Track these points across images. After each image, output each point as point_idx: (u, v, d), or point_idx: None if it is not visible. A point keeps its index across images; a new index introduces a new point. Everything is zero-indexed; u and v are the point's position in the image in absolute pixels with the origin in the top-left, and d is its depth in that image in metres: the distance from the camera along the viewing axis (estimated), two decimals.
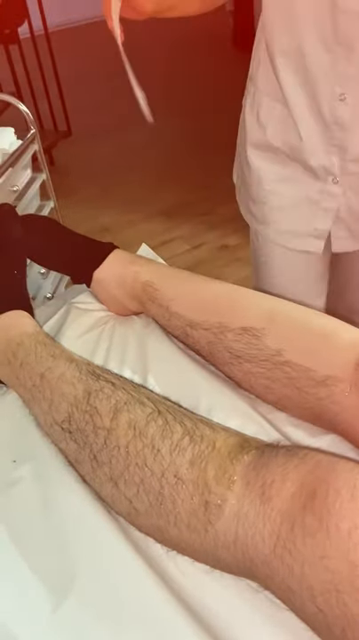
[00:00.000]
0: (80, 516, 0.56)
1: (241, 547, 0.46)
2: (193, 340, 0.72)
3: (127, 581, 0.51)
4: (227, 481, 0.48)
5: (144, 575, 0.51)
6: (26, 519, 0.58)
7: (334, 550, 0.40)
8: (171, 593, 0.49)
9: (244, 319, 0.67)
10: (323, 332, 0.64)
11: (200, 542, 0.48)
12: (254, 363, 0.65)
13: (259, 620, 0.48)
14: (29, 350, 0.68)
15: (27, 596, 0.52)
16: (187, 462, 0.50)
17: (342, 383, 0.58)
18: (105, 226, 2.16)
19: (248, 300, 0.71)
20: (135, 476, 0.52)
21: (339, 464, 0.45)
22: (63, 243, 0.85)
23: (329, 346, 0.61)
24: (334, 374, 0.59)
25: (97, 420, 0.56)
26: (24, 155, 1.22)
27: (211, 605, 0.50)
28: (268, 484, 0.46)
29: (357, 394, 0.57)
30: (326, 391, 0.59)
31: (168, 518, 0.50)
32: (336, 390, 0.58)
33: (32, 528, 0.57)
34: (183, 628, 0.47)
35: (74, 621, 0.50)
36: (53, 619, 0.50)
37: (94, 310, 0.86)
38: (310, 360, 0.61)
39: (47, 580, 0.53)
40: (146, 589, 0.50)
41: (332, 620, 0.40)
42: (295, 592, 0.42)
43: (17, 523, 0.58)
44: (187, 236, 2.06)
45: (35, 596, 0.52)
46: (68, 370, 0.63)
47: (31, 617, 0.51)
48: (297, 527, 0.42)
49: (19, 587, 0.53)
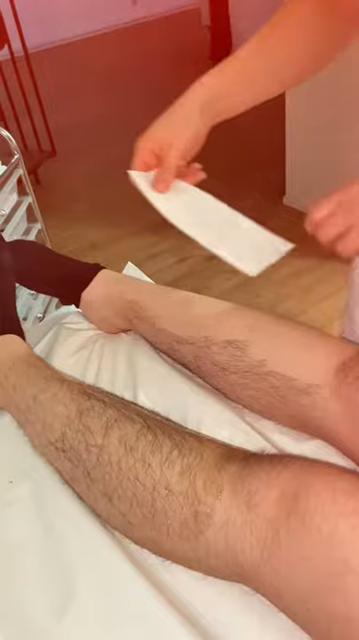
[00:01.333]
0: (77, 532, 0.58)
1: (231, 553, 0.48)
2: (180, 354, 0.75)
3: (126, 594, 0.53)
4: (215, 490, 0.50)
5: (141, 585, 0.52)
6: (24, 538, 0.60)
7: (317, 551, 0.42)
8: (168, 601, 0.51)
9: (228, 332, 0.69)
10: (303, 341, 0.66)
11: (192, 551, 0.51)
12: (239, 374, 0.67)
13: (254, 622, 0.50)
14: (21, 373, 0.70)
15: (28, 612, 0.54)
16: (177, 474, 0.52)
17: (323, 390, 0.60)
18: (93, 242, 2.19)
19: (231, 313, 0.73)
20: (128, 491, 0.54)
21: (320, 468, 0.48)
22: (51, 266, 0.87)
23: (309, 355, 0.64)
24: (315, 382, 0.61)
25: (89, 439, 0.59)
26: (9, 180, 1.25)
27: (208, 612, 0.52)
28: (254, 492, 0.48)
29: (337, 400, 0.59)
30: (309, 399, 0.61)
31: (161, 529, 0.52)
32: (318, 397, 0.61)
33: (30, 546, 0.59)
34: (181, 634, 0.49)
35: (75, 633, 0.52)
36: (54, 634, 0.52)
37: (84, 329, 0.88)
38: (292, 369, 0.63)
39: (47, 596, 0.54)
40: (144, 600, 0.52)
41: (318, 618, 0.42)
42: (283, 594, 0.45)
43: (15, 542, 0.60)
44: (174, 250, 2.09)
45: (36, 612, 0.53)
46: (60, 391, 0.65)
47: (32, 633, 0.52)
48: (282, 531, 0.45)
49: (20, 603, 0.55)
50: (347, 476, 0.47)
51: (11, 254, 0.83)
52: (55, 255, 0.87)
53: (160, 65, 4.11)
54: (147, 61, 4.24)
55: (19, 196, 1.32)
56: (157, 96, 3.61)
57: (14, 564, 0.58)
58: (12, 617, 0.54)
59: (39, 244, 0.90)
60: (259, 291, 1.79)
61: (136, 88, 3.77)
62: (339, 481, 0.46)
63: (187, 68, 4.00)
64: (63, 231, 2.23)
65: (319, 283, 1.84)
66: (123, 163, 2.69)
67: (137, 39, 4.96)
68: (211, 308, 0.74)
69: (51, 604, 0.54)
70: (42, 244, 0.89)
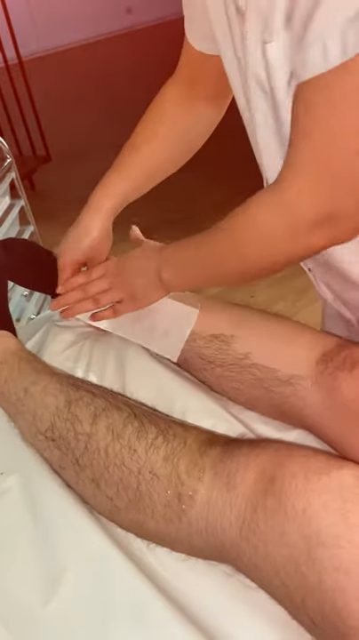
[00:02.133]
0: (66, 519, 0.60)
1: (212, 532, 0.50)
2: None
3: (112, 576, 0.55)
4: (197, 473, 0.52)
5: (127, 569, 0.54)
6: (14, 527, 0.61)
7: (291, 527, 0.44)
8: (152, 583, 0.53)
9: (214, 327, 0.71)
10: (286, 334, 0.69)
11: (176, 532, 0.52)
12: (225, 367, 0.69)
13: (233, 600, 0.52)
14: (13, 367, 0.72)
15: (17, 599, 0.56)
16: (161, 459, 0.54)
17: (304, 381, 0.63)
18: None
19: (217, 308, 0.75)
20: (114, 476, 0.56)
21: (296, 450, 0.50)
22: (43, 263, 0.89)
23: (291, 347, 0.66)
24: (297, 373, 0.63)
25: (78, 427, 0.61)
26: (1, 183, 1.27)
27: (189, 591, 0.53)
28: (233, 473, 0.50)
29: (318, 389, 0.61)
30: (291, 389, 0.63)
31: (146, 512, 0.54)
32: (299, 388, 0.63)
33: (21, 534, 0.61)
34: (165, 614, 0.51)
35: (63, 616, 0.53)
36: (43, 614, 0.53)
37: (74, 327, 0.90)
38: (275, 361, 0.66)
39: (37, 580, 0.56)
40: (130, 582, 0.54)
41: (294, 591, 0.44)
42: (261, 569, 0.47)
43: (6, 530, 0.61)
44: None
45: (25, 598, 0.55)
46: (50, 383, 0.67)
47: (21, 618, 0.54)
48: (259, 510, 0.47)
49: (9, 590, 0.56)
50: (321, 457, 0.49)
51: (3, 252, 0.85)
52: (47, 252, 0.89)
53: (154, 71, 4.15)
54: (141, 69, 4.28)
55: (11, 200, 1.34)
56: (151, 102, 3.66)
57: (3, 552, 0.60)
58: (4, 603, 0.56)
59: (31, 241, 0.92)
60: (253, 292, 1.82)
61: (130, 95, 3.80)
62: (314, 462, 0.48)
63: None
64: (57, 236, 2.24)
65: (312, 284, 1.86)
66: None
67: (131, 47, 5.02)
68: (197, 303, 0.76)
69: (40, 588, 0.55)
70: (34, 242, 0.91)
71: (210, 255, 0.65)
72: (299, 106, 0.50)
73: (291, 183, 0.53)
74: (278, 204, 0.56)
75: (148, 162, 0.80)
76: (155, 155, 0.80)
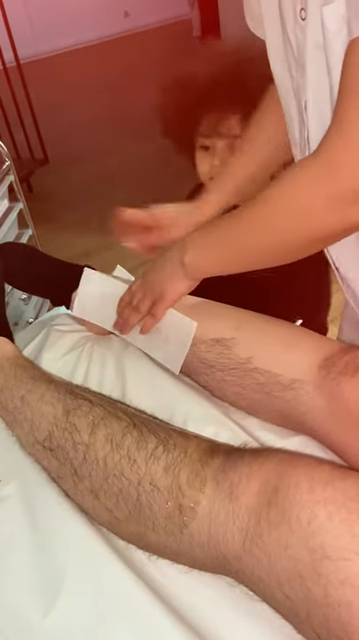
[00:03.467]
0: (65, 528, 0.59)
1: (214, 545, 0.49)
2: None
3: (113, 587, 0.54)
4: (198, 484, 0.51)
5: (128, 580, 0.53)
6: (13, 535, 0.60)
7: (296, 539, 0.43)
8: (154, 595, 0.52)
9: (215, 331, 0.70)
10: (288, 338, 0.68)
11: (177, 544, 0.51)
12: (226, 371, 0.68)
13: (236, 611, 0.51)
14: (9, 374, 0.71)
15: (17, 608, 0.55)
16: (162, 469, 0.53)
17: (307, 385, 0.62)
18: (85, 250, 2.20)
19: (218, 312, 0.74)
20: (114, 487, 0.55)
21: (299, 460, 0.49)
22: (41, 267, 0.88)
23: (293, 351, 0.65)
24: (299, 378, 0.62)
25: (76, 437, 0.59)
26: (0, 186, 1.26)
27: (191, 602, 0.52)
28: (236, 484, 0.49)
29: (320, 394, 0.60)
30: (293, 394, 0.62)
31: (146, 524, 0.53)
32: (302, 392, 0.62)
33: (20, 543, 0.59)
34: (166, 625, 0.50)
35: (63, 627, 0.52)
36: (42, 625, 0.52)
37: (73, 332, 0.89)
38: (277, 366, 0.65)
39: (35, 592, 0.55)
40: (131, 593, 0.53)
41: (298, 605, 0.43)
42: (264, 582, 0.45)
43: (5, 538, 0.60)
44: None
45: (24, 608, 0.54)
46: (48, 391, 0.66)
47: (21, 628, 0.53)
48: (263, 521, 0.46)
49: (9, 599, 0.55)
50: (325, 467, 0.48)
51: (0, 257, 0.84)
52: (45, 257, 0.88)
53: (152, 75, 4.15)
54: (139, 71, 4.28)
55: (9, 203, 1.33)
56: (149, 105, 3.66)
57: (3, 560, 0.59)
58: (3, 613, 0.55)
59: (29, 245, 0.91)
60: None
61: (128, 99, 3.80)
62: (318, 471, 0.47)
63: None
64: (55, 238, 2.25)
65: None
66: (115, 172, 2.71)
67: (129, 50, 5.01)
68: (199, 307, 0.75)
69: (39, 599, 0.54)
70: (32, 246, 0.91)
71: (237, 233, 0.61)
72: (351, 62, 0.47)
73: (336, 145, 0.49)
74: (319, 170, 0.51)
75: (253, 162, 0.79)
76: (259, 155, 0.79)
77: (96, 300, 0.83)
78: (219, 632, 0.50)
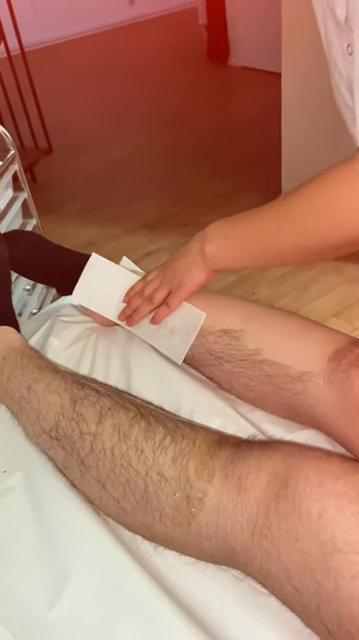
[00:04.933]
0: (71, 519, 0.59)
1: (222, 536, 0.48)
2: None
3: (118, 579, 0.53)
4: (206, 475, 0.50)
5: (134, 571, 0.53)
6: (19, 526, 0.60)
7: (306, 532, 0.43)
8: (159, 587, 0.52)
9: (224, 322, 0.70)
10: (297, 330, 0.67)
11: (184, 536, 0.51)
12: (234, 363, 0.68)
13: (242, 604, 0.51)
14: (16, 364, 0.70)
15: (23, 600, 0.54)
16: (170, 460, 0.53)
17: (316, 377, 0.61)
18: (90, 240, 2.19)
19: (226, 304, 0.74)
20: (121, 477, 0.55)
21: (309, 453, 0.48)
22: (49, 256, 0.88)
23: (303, 344, 0.65)
24: (309, 370, 0.62)
25: (83, 427, 0.59)
26: (4, 175, 1.25)
27: (197, 595, 0.52)
28: (244, 476, 0.48)
29: (330, 386, 0.60)
30: (302, 386, 0.62)
31: (154, 515, 0.52)
32: (311, 385, 0.61)
33: (25, 534, 0.59)
34: (172, 618, 0.50)
35: (68, 619, 0.52)
36: (48, 621, 0.52)
37: (78, 322, 0.89)
38: (286, 357, 0.64)
39: (41, 582, 0.55)
40: (136, 585, 0.52)
41: (308, 598, 0.43)
42: (273, 575, 0.45)
43: (10, 529, 0.60)
44: (170, 248, 2.09)
45: (31, 597, 0.54)
46: (54, 380, 0.66)
47: (27, 620, 0.53)
48: (272, 513, 0.45)
49: (15, 589, 0.55)
50: (335, 460, 0.47)
51: (8, 245, 0.84)
52: (53, 246, 0.87)
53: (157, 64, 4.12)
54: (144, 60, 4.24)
55: (14, 192, 1.32)
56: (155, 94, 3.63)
57: (8, 552, 0.59)
58: (8, 605, 0.54)
59: (37, 234, 0.90)
60: (255, 289, 1.80)
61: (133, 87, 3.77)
62: (328, 464, 0.46)
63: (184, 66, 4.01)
64: (60, 229, 2.24)
65: (314, 281, 1.85)
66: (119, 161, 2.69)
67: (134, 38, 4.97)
68: (207, 299, 0.74)
69: (45, 591, 0.54)
70: (39, 235, 0.90)
71: (267, 230, 0.60)
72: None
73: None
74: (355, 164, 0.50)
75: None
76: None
77: (99, 287, 0.82)
78: (224, 625, 0.50)
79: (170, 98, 3.54)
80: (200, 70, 3.88)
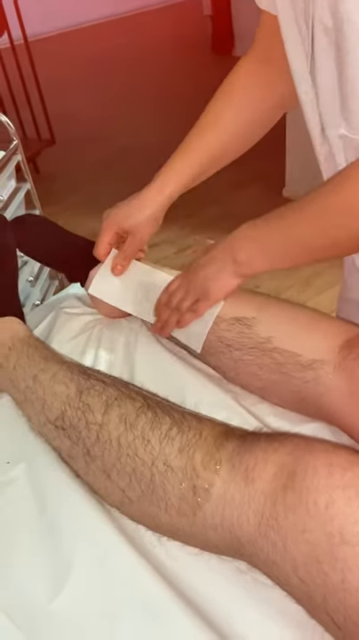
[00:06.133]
0: (74, 510, 0.59)
1: (228, 527, 0.48)
2: None
3: (121, 570, 0.54)
4: (213, 466, 0.50)
5: (137, 563, 0.53)
6: (22, 516, 0.60)
7: (313, 524, 0.43)
8: (162, 578, 0.52)
9: (237, 310, 0.70)
10: (308, 320, 0.67)
11: (190, 526, 0.51)
12: (244, 350, 0.68)
13: (244, 597, 0.51)
14: (22, 353, 0.70)
15: (25, 588, 0.55)
16: (176, 450, 0.53)
17: (327, 366, 0.61)
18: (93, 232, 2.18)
19: (238, 293, 0.74)
20: (127, 467, 0.55)
21: (316, 445, 0.48)
22: (61, 241, 0.88)
23: (314, 333, 0.65)
24: (320, 358, 0.62)
25: (89, 416, 0.59)
26: (7, 165, 1.24)
27: (200, 587, 0.52)
28: (251, 467, 0.48)
29: (340, 375, 0.60)
30: (312, 374, 0.62)
31: (159, 505, 0.52)
32: (321, 373, 0.62)
33: (28, 524, 0.59)
34: (175, 609, 0.50)
35: (70, 611, 0.52)
36: (50, 609, 0.52)
37: (82, 314, 0.88)
38: (297, 345, 0.64)
39: (44, 573, 0.55)
40: (139, 576, 0.53)
41: (314, 589, 0.43)
42: (279, 566, 0.45)
43: (13, 519, 0.60)
44: (174, 240, 2.09)
45: (33, 587, 0.54)
46: (60, 370, 0.66)
47: (30, 610, 0.53)
48: (279, 505, 0.45)
49: (17, 579, 0.55)
50: (343, 452, 0.47)
51: (19, 227, 0.84)
52: (65, 231, 0.87)
53: (161, 54, 4.10)
54: (148, 51, 4.22)
55: (17, 183, 1.31)
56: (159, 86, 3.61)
57: (11, 542, 0.59)
58: (11, 596, 0.54)
59: (47, 219, 0.90)
60: (259, 281, 1.80)
61: (137, 78, 3.75)
62: (335, 456, 0.46)
63: (188, 57, 3.99)
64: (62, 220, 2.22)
65: (318, 275, 1.84)
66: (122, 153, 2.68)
67: (139, 28, 4.94)
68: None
69: (47, 581, 0.54)
70: (52, 221, 0.90)
71: (304, 230, 0.59)
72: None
73: None
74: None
75: (215, 146, 0.76)
76: (224, 136, 0.76)
77: (117, 282, 0.81)
78: (227, 617, 0.50)
79: (174, 89, 3.52)
80: (204, 61, 3.86)
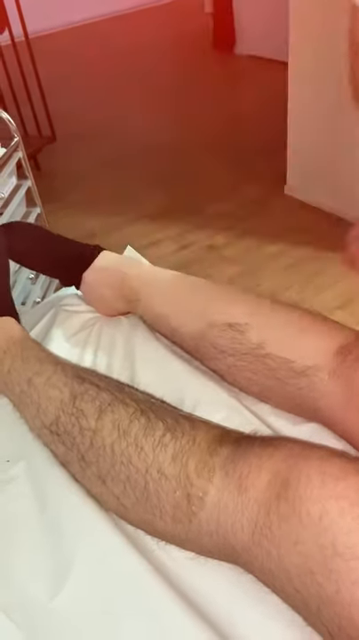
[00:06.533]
0: (74, 510, 0.58)
1: (222, 535, 0.48)
2: (180, 337, 0.75)
3: (122, 569, 0.53)
4: (207, 474, 0.50)
5: (136, 563, 0.53)
6: (22, 514, 0.60)
7: (306, 535, 0.42)
8: (162, 578, 0.52)
9: (229, 316, 0.69)
10: (302, 324, 0.66)
11: (185, 533, 0.51)
12: (237, 356, 0.67)
13: (245, 598, 0.50)
14: (16, 357, 0.70)
15: (25, 587, 0.54)
16: (170, 458, 0.52)
17: (321, 372, 0.60)
18: (93, 229, 2.18)
19: (232, 296, 0.73)
20: (121, 474, 0.54)
21: (311, 452, 0.47)
22: (51, 247, 0.87)
23: (308, 338, 0.64)
24: (313, 364, 0.61)
25: (83, 422, 0.58)
26: (8, 162, 1.24)
27: (200, 587, 0.52)
28: (245, 475, 0.48)
29: (335, 380, 0.59)
30: (306, 380, 0.61)
31: (154, 512, 0.52)
32: (315, 379, 0.60)
33: (28, 523, 0.59)
34: (176, 610, 0.49)
35: (70, 610, 0.52)
36: (50, 608, 0.52)
37: (81, 312, 0.88)
38: (290, 352, 0.63)
39: (44, 572, 0.55)
40: (139, 576, 0.52)
41: (309, 599, 0.42)
42: (274, 574, 0.45)
43: (13, 518, 0.60)
44: (174, 237, 2.08)
45: (33, 586, 0.54)
46: (55, 374, 0.65)
47: (29, 606, 0.53)
48: (272, 514, 0.45)
49: (17, 578, 0.55)
50: (337, 460, 0.46)
51: (9, 236, 0.83)
52: (55, 236, 0.87)
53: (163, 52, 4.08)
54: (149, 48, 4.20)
55: (18, 180, 1.31)
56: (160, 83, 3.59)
57: (10, 541, 0.58)
58: (10, 594, 0.54)
59: (38, 225, 0.90)
60: (259, 280, 1.79)
61: (138, 75, 3.74)
62: (329, 465, 0.45)
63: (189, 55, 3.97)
64: (63, 218, 2.22)
65: (318, 273, 1.83)
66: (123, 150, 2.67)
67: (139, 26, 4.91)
68: (213, 291, 0.73)
69: (47, 580, 0.54)
70: (40, 226, 0.89)
71: None
72: None
73: None
74: None
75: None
76: None
77: None
78: (228, 618, 0.50)
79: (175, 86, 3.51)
80: (205, 59, 3.83)
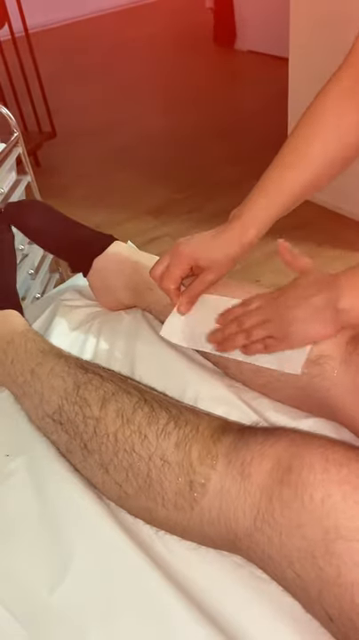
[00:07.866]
0: (73, 503, 0.59)
1: (224, 521, 0.48)
2: None
3: (120, 563, 0.54)
4: (210, 461, 0.50)
5: (135, 556, 0.53)
6: (21, 508, 0.61)
7: (309, 519, 0.43)
8: (161, 571, 0.52)
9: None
10: None
11: (187, 520, 0.51)
12: None
13: (242, 590, 0.51)
14: (19, 347, 0.70)
15: (25, 580, 0.55)
16: (173, 445, 0.53)
17: (333, 361, 0.61)
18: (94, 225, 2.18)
19: (244, 288, 0.73)
20: (124, 462, 0.55)
21: (313, 440, 0.48)
22: (66, 229, 0.87)
23: None
24: (326, 353, 0.62)
25: (86, 411, 0.59)
26: (8, 158, 1.24)
27: (198, 580, 0.52)
28: (248, 462, 0.48)
29: (346, 369, 0.60)
30: (319, 369, 0.62)
31: (156, 499, 0.52)
32: (327, 367, 0.61)
33: (27, 517, 0.60)
34: (173, 603, 0.50)
35: (70, 603, 0.52)
36: (50, 602, 0.52)
37: (82, 307, 0.88)
38: None
39: (43, 565, 0.55)
40: (138, 569, 0.53)
41: (309, 584, 0.43)
42: (275, 560, 0.45)
43: (13, 512, 0.60)
44: (175, 233, 2.08)
45: (32, 580, 0.54)
46: (58, 364, 0.66)
47: (28, 600, 0.53)
48: (275, 500, 0.45)
49: (17, 572, 0.56)
50: (340, 448, 0.47)
51: (26, 213, 0.84)
52: (71, 220, 0.87)
53: (163, 47, 4.07)
54: (150, 43, 4.19)
55: (17, 175, 1.31)
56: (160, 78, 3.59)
57: (10, 535, 0.59)
58: (10, 588, 0.55)
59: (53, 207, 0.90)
60: (258, 276, 1.79)
61: (139, 70, 3.73)
62: (332, 452, 0.46)
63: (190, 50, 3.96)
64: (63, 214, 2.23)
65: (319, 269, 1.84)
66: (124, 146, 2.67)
67: (140, 21, 4.90)
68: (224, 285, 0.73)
69: (47, 574, 0.54)
70: (56, 209, 0.90)
71: None
72: None
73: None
74: None
75: (300, 182, 0.70)
76: (310, 173, 0.70)
77: (187, 321, 0.74)
78: (225, 610, 0.50)
79: (175, 82, 3.50)
80: (206, 54, 3.83)
